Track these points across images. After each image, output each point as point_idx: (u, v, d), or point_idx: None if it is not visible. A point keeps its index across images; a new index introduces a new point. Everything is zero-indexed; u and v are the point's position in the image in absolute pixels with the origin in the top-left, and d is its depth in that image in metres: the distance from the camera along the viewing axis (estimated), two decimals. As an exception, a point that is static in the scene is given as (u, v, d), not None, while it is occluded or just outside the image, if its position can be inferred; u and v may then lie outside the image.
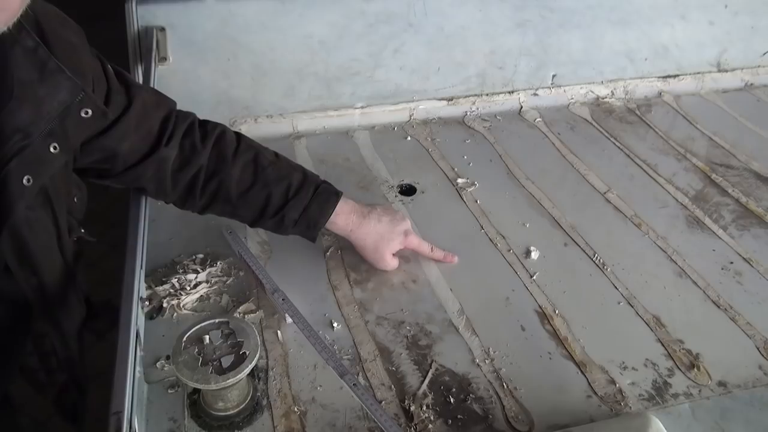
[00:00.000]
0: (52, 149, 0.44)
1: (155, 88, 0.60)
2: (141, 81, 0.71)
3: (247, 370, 0.45)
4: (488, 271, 0.64)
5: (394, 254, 0.62)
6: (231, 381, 0.44)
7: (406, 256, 0.64)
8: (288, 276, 0.60)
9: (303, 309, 0.56)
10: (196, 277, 0.60)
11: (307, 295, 0.59)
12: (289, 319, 0.55)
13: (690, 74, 1.00)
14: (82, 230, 0.54)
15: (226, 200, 0.57)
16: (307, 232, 0.59)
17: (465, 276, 0.63)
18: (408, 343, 0.55)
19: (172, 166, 0.54)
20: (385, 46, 0.87)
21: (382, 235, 0.60)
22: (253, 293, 0.59)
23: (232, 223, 0.62)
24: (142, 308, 0.55)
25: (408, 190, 0.77)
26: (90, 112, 0.45)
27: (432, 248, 0.63)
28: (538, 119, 0.94)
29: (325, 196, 0.58)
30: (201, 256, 0.63)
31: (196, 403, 0.48)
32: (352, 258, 0.64)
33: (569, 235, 0.69)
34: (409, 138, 0.89)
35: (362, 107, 0.90)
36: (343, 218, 0.59)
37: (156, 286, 0.58)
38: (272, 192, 0.56)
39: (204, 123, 0.58)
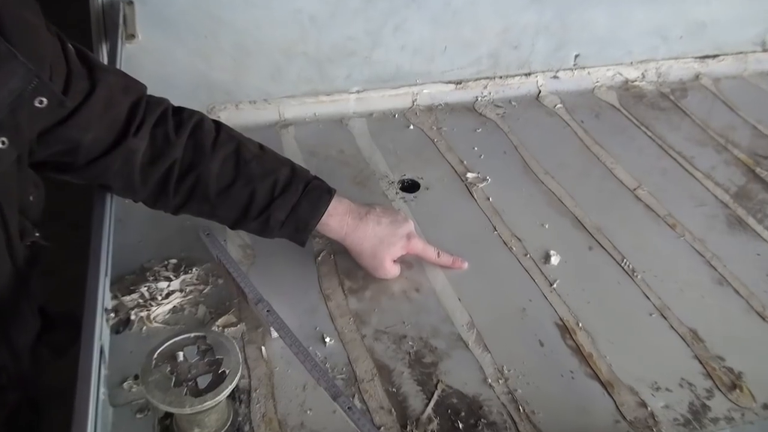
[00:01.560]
0: (0, 144, 0.43)
1: (122, 70, 0.59)
2: (106, 62, 0.71)
3: (227, 392, 0.45)
4: (502, 278, 0.64)
5: (395, 261, 0.62)
6: (208, 404, 0.44)
7: (408, 261, 0.64)
8: (273, 284, 0.60)
9: (290, 322, 0.55)
10: (168, 286, 0.60)
11: (295, 306, 0.59)
12: (274, 333, 0.55)
13: (731, 54, 1.00)
14: (37, 233, 0.53)
15: (203, 198, 0.56)
16: (296, 236, 0.59)
17: (475, 284, 0.63)
18: (410, 360, 0.55)
19: (141, 160, 0.54)
20: (384, 23, 0.86)
21: (381, 239, 0.60)
22: (234, 304, 0.59)
23: (210, 224, 0.62)
24: (107, 321, 0.54)
25: (410, 186, 0.77)
26: (45, 101, 0.44)
27: (438, 253, 0.63)
28: (559, 105, 0.93)
29: (317, 194, 0.58)
30: (174, 261, 0.63)
31: (168, 429, 0.48)
32: (346, 263, 0.64)
33: (594, 238, 0.69)
34: (411, 127, 0.89)
35: (358, 92, 0.90)
36: (337, 220, 0.59)
37: (123, 296, 0.58)
38: (256, 189, 0.56)
39: (179, 110, 0.57)
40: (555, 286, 0.63)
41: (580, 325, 0.58)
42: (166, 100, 0.57)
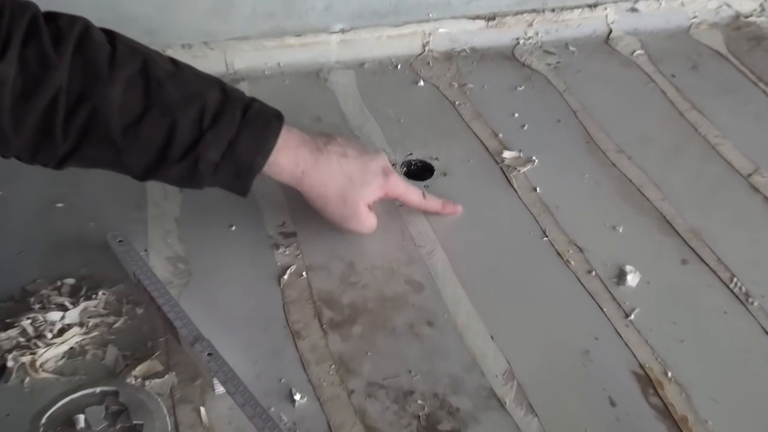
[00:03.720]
0: None
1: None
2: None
3: (149, 474, 0.45)
4: (554, 306, 0.64)
5: (370, 207, 0.65)
6: (122, 492, 0.44)
7: (416, 281, 0.64)
8: (218, 315, 0.61)
9: (243, 370, 0.55)
10: (62, 318, 0.60)
11: (250, 347, 0.59)
12: (219, 388, 0.55)
13: None
14: None
15: (104, 140, 0.57)
16: (236, 183, 0.61)
17: (516, 315, 0.63)
18: (420, 427, 0.55)
19: (10, 94, 0.53)
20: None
21: (351, 177, 0.63)
22: (159, 344, 0.59)
23: (123, 226, 0.62)
24: (-28, 369, 0.55)
25: (420, 172, 0.77)
26: None
27: (425, 195, 0.68)
28: (639, 52, 0.94)
29: (261, 121, 0.60)
30: (71, 282, 0.63)
31: None
32: (325, 283, 0.64)
33: (690, 246, 0.69)
34: (421, 83, 0.89)
35: (342, 31, 0.90)
36: (290, 155, 0.61)
37: (-5, 333, 0.58)
38: (177, 121, 0.57)
39: (52, 17, 0.57)
40: (633, 317, 0.63)
41: (670, 374, 0.59)
42: (32, 3, 0.56)
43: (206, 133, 0.57)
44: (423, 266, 0.66)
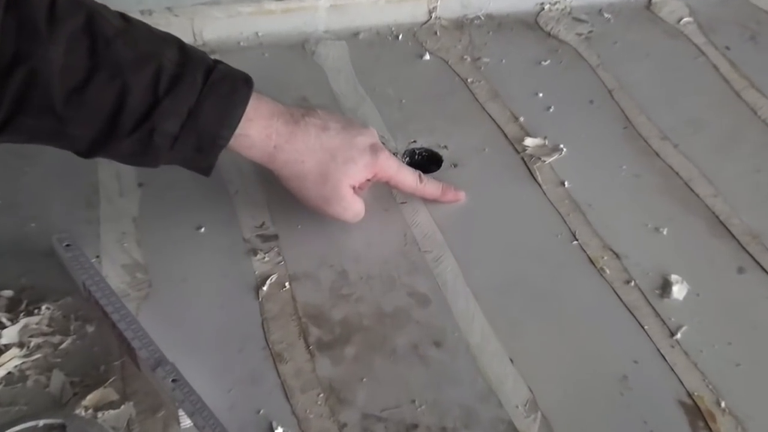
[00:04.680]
0: None
1: None
2: None
3: None
4: (586, 323, 0.64)
5: (356, 190, 0.66)
6: None
7: (421, 293, 0.65)
8: (185, 333, 0.61)
9: (215, 399, 0.55)
10: (-1, 337, 0.60)
11: (222, 373, 0.59)
12: (186, 421, 0.55)
13: None
14: None
15: (43, 108, 0.57)
16: (197, 159, 0.61)
17: (539, 334, 0.63)
18: (425, 467, 0.55)
19: None
20: None
21: (332, 152, 0.64)
22: (114, 368, 0.59)
23: (70, 227, 0.62)
24: None
25: (426, 162, 0.78)
26: None
27: (421, 178, 0.69)
28: (686, 20, 0.94)
29: (227, 86, 0.60)
30: (9, 294, 0.63)
31: None
32: (312, 295, 0.64)
33: (747, 251, 0.69)
34: (427, 56, 0.89)
35: (334, -6, 0.90)
36: (261, 127, 0.62)
37: None
38: (129, 85, 0.57)
39: None
40: (679, 336, 0.63)
41: (723, 404, 0.59)
42: None
43: (162, 100, 0.58)
44: (429, 275, 0.66)
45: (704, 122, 0.82)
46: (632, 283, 0.66)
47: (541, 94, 0.84)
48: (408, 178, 0.69)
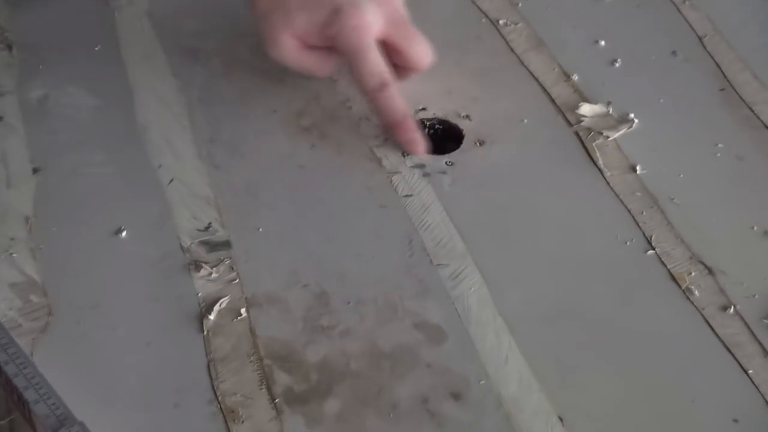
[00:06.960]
0: None
1: None
2: None
3: None
4: (666, 365, 0.64)
5: (312, 46, 0.75)
6: None
7: (431, 323, 0.65)
8: (99, 380, 0.61)
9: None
10: None
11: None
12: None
13: None
14: None
15: None
16: None
17: (599, 380, 0.63)
18: None
19: None
20: None
21: None
22: (1, 429, 0.60)
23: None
24: None
25: (440, 138, 0.79)
26: None
27: (386, 81, 0.74)
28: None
29: None
30: None
31: None
32: (279, 326, 0.65)
33: None
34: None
35: None
36: None
37: None
38: None
39: None
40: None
41: None
42: None
43: None
44: (445, 299, 0.67)
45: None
46: (731, 310, 0.67)
47: (603, 42, 0.85)
48: (367, 68, 0.74)
